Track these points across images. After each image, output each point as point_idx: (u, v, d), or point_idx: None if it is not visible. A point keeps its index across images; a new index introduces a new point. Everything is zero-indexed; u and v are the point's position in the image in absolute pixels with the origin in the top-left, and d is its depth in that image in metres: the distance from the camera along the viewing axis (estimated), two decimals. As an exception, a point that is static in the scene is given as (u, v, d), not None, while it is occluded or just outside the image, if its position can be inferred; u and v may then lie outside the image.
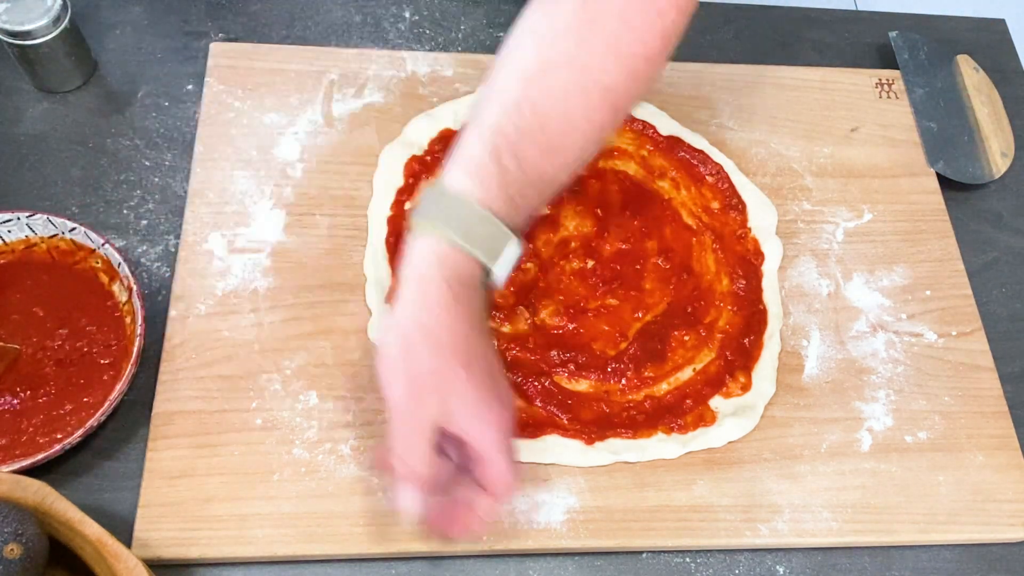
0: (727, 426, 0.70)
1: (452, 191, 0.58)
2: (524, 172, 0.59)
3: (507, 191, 0.58)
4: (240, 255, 0.72)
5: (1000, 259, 0.84)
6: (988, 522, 0.70)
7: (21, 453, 0.62)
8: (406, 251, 0.59)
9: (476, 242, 0.58)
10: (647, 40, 0.60)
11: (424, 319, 0.56)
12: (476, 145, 0.59)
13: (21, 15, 0.72)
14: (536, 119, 0.59)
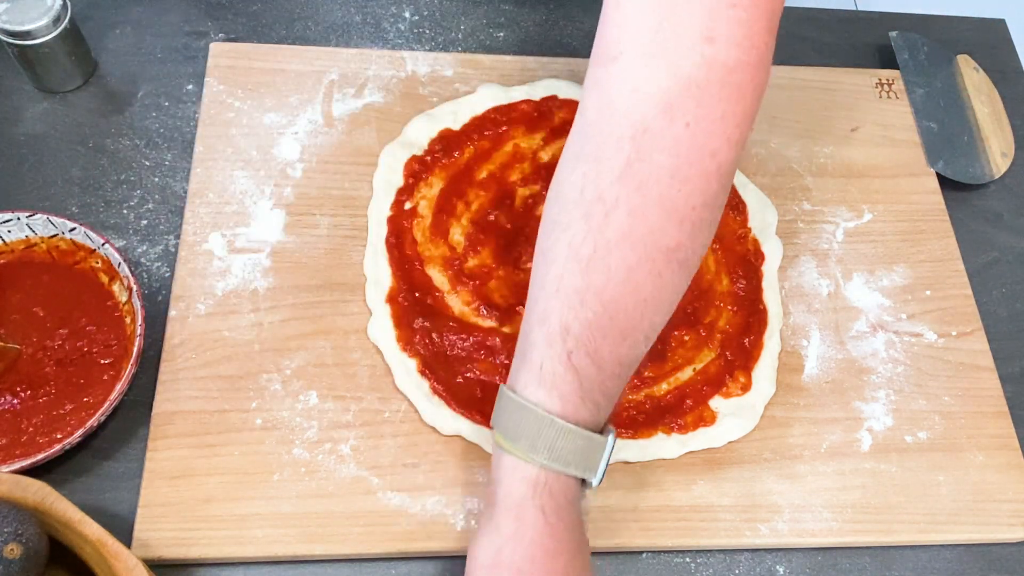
0: (727, 426, 0.70)
1: (531, 407, 0.54)
2: (601, 369, 0.55)
3: (590, 396, 0.55)
4: (240, 255, 0.72)
5: (1000, 259, 0.84)
6: (988, 522, 0.70)
7: (21, 453, 0.62)
8: (494, 464, 0.57)
9: (569, 461, 0.54)
10: (704, 188, 0.54)
11: (523, 566, 0.54)
12: (545, 351, 0.55)
13: (21, 15, 0.72)
14: (603, 309, 0.54)
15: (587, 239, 0.54)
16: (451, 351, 0.70)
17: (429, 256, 0.73)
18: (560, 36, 0.89)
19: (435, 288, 0.72)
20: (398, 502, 0.65)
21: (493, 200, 0.76)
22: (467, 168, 0.77)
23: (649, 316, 0.56)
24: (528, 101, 0.81)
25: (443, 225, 0.75)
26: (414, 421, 0.68)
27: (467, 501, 0.65)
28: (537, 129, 0.80)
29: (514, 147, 0.79)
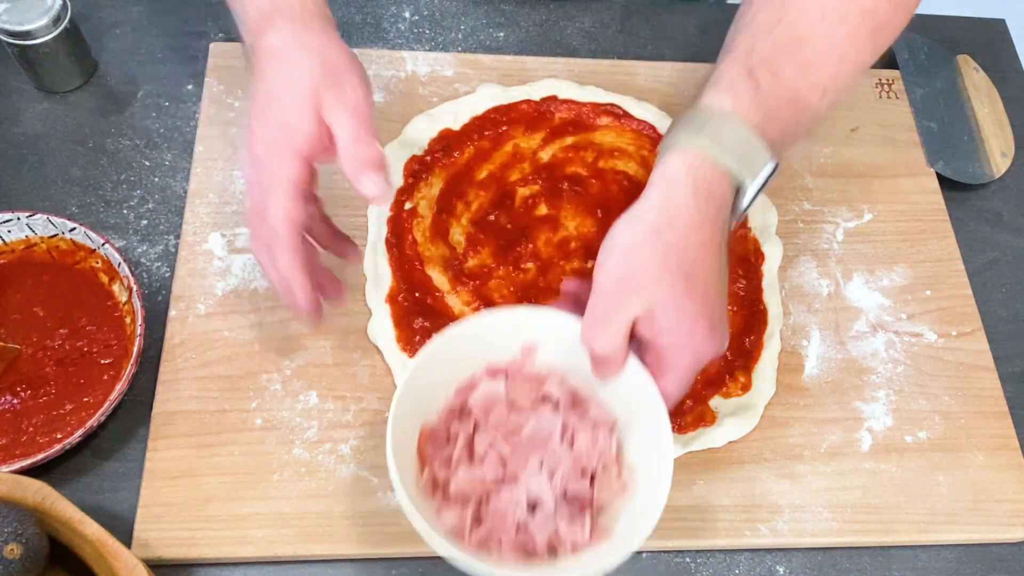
0: (727, 426, 0.70)
1: (705, 107, 0.57)
2: (778, 85, 0.58)
3: (763, 105, 0.57)
4: (240, 255, 0.72)
5: (1000, 259, 0.84)
6: (988, 522, 0.70)
7: (21, 453, 0.62)
8: (656, 169, 0.58)
9: (729, 151, 0.56)
10: None
11: (659, 222, 0.56)
12: (730, 66, 0.58)
13: (21, 15, 0.72)
14: (793, 34, 0.58)
15: None
16: (451, 351, 0.70)
17: (429, 256, 0.73)
18: (560, 36, 0.89)
19: (435, 288, 0.72)
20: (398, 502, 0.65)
21: (493, 200, 0.76)
22: (467, 168, 0.77)
23: (833, 66, 0.59)
24: (528, 101, 0.81)
25: (443, 225, 0.75)
26: (414, 421, 0.68)
27: (467, 501, 0.65)
28: (537, 129, 0.80)
29: (514, 147, 0.79)
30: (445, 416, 0.61)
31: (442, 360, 0.60)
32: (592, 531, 0.58)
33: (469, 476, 0.58)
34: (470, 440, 0.60)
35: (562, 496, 0.59)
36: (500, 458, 0.59)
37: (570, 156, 0.79)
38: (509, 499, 0.58)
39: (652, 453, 0.59)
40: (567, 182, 0.77)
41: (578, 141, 0.80)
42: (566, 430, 0.61)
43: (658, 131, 0.81)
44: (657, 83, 0.85)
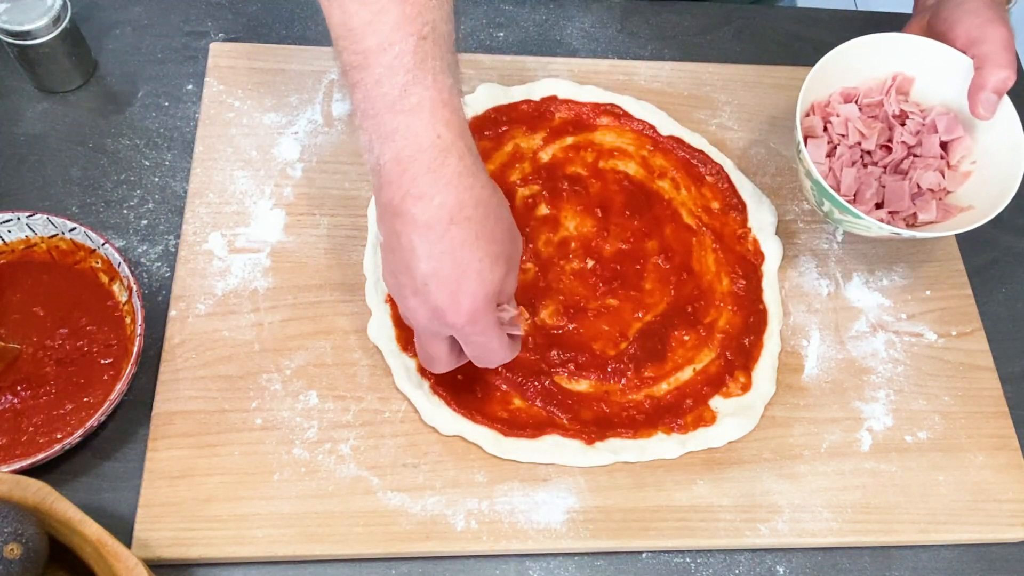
0: (727, 426, 0.70)
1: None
2: None
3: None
4: (240, 255, 0.72)
5: (1000, 259, 0.84)
6: (988, 522, 0.70)
7: (21, 453, 0.62)
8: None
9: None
10: None
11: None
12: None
13: (21, 15, 0.72)
14: None
15: None
16: (451, 351, 0.70)
17: (429, 256, 0.73)
18: (560, 36, 0.89)
19: (435, 288, 0.72)
20: (398, 502, 0.65)
21: (493, 200, 0.76)
22: (467, 168, 0.77)
23: None
24: (528, 101, 0.81)
25: (443, 225, 0.75)
26: (414, 421, 0.68)
27: (467, 501, 0.65)
28: (537, 129, 0.80)
29: (514, 147, 0.79)
30: None
31: None
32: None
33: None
34: None
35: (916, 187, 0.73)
36: None
37: (570, 156, 0.79)
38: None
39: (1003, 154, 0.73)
40: (567, 182, 0.77)
41: (578, 141, 0.80)
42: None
43: (658, 131, 0.81)
44: (657, 83, 0.85)
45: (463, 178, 0.55)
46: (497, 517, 0.65)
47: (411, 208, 0.54)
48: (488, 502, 0.66)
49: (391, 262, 0.58)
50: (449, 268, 0.55)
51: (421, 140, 0.54)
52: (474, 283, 0.55)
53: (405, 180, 0.54)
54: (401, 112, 0.53)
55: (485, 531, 0.65)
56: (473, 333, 0.58)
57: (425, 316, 0.58)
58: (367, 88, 0.54)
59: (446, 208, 0.54)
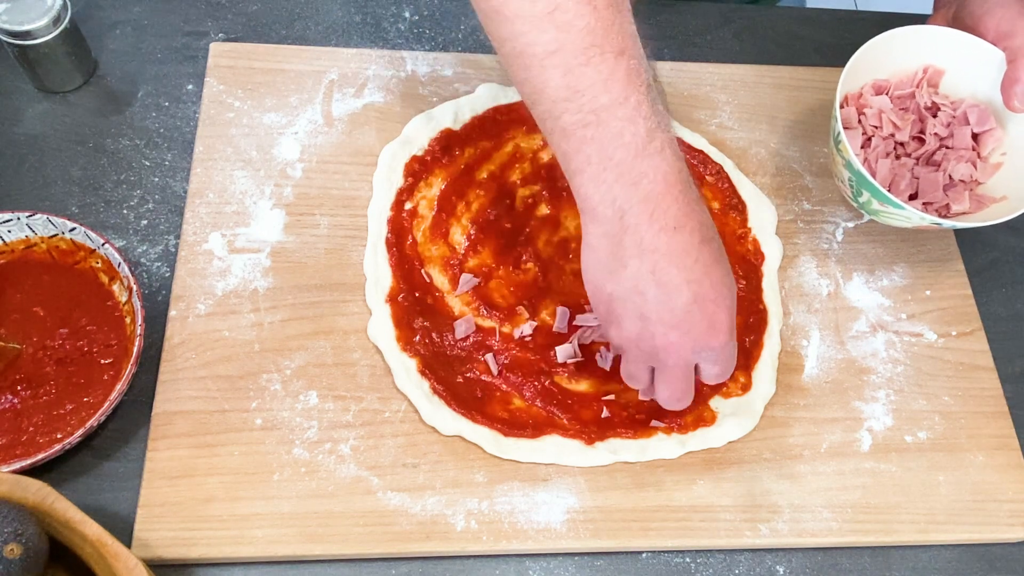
0: (727, 426, 0.70)
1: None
2: None
3: None
4: (240, 255, 0.72)
5: (1000, 259, 0.84)
6: (988, 522, 0.70)
7: (21, 453, 0.62)
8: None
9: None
10: None
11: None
12: None
13: (21, 15, 0.72)
14: None
15: None
16: (451, 351, 0.70)
17: (429, 256, 0.73)
18: (560, 36, 0.89)
19: (435, 288, 0.72)
20: (398, 502, 0.65)
21: (493, 200, 0.76)
22: (467, 168, 0.77)
23: None
24: (528, 101, 0.81)
25: (443, 225, 0.75)
26: (414, 421, 0.68)
27: (467, 501, 0.65)
28: (537, 129, 0.79)
29: (514, 147, 0.79)
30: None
31: None
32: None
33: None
34: None
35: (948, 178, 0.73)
36: None
37: (570, 156, 0.79)
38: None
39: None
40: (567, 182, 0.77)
41: (578, 141, 0.80)
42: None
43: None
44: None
45: (699, 202, 0.58)
46: (497, 517, 0.65)
47: (667, 242, 0.56)
48: (488, 502, 0.66)
49: (638, 306, 0.58)
50: (708, 288, 0.58)
51: (669, 177, 0.56)
52: (728, 296, 0.59)
53: (657, 215, 0.56)
54: (648, 156, 0.56)
55: (485, 531, 0.65)
56: (729, 348, 0.61)
57: (688, 346, 0.59)
58: (604, 142, 0.55)
59: (697, 233, 0.57)
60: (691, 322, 0.58)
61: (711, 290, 0.58)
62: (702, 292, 0.58)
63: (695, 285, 0.57)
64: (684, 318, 0.58)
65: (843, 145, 0.70)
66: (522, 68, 0.56)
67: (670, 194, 0.56)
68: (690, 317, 0.58)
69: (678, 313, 0.58)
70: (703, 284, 0.57)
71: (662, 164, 0.56)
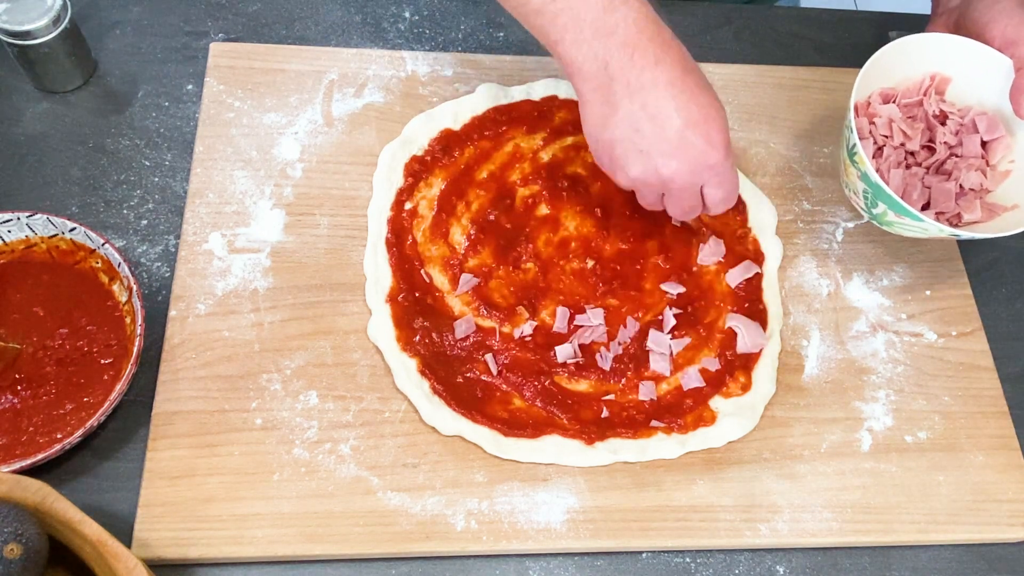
0: (727, 426, 0.70)
1: None
2: None
3: None
4: (240, 255, 0.72)
5: (1000, 259, 0.84)
6: (988, 522, 0.70)
7: (21, 453, 0.62)
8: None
9: None
10: None
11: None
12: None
13: (21, 15, 0.72)
14: None
15: None
16: (451, 351, 0.70)
17: (429, 256, 0.74)
18: (560, 36, 0.89)
19: (435, 288, 0.72)
20: (398, 502, 0.65)
21: (493, 200, 0.76)
22: (467, 168, 0.77)
23: None
24: (528, 101, 0.81)
25: (443, 225, 0.75)
26: (414, 421, 0.68)
27: (467, 501, 0.65)
28: (537, 129, 0.80)
29: (514, 147, 0.79)
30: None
31: None
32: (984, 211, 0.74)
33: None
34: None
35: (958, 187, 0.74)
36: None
37: (570, 156, 0.79)
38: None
39: None
40: (567, 182, 0.77)
41: (578, 141, 0.80)
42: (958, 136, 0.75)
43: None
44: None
45: (675, 39, 0.64)
46: (497, 517, 0.65)
47: (651, 76, 0.62)
48: (488, 502, 0.66)
49: (636, 144, 0.63)
50: (696, 111, 0.62)
51: (640, 21, 0.62)
52: (718, 117, 0.63)
53: (637, 57, 0.62)
54: (615, 8, 0.61)
55: (485, 531, 0.65)
56: (728, 166, 0.65)
57: (688, 169, 0.64)
58: (574, 7, 0.62)
59: (678, 63, 0.62)
60: (687, 146, 0.63)
61: (700, 112, 0.62)
62: (692, 116, 0.62)
63: (684, 111, 0.62)
64: (679, 144, 0.63)
65: (859, 156, 0.69)
66: None
67: (644, 34, 0.62)
68: (685, 142, 0.63)
69: (673, 140, 0.63)
70: (691, 109, 0.62)
71: (630, 12, 0.62)
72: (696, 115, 0.62)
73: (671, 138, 0.62)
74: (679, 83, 0.62)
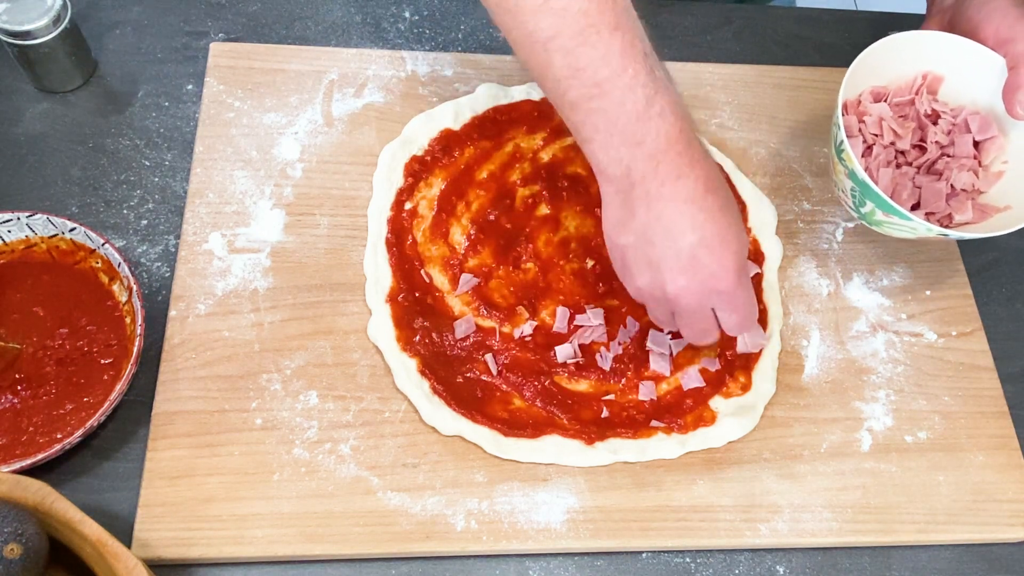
0: (727, 426, 0.70)
1: None
2: None
3: None
4: (240, 255, 0.72)
5: (1000, 259, 0.84)
6: (988, 522, 0.70)
7: (21, 453, 0.62)
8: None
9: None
10: None
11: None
12: None
13: (21, 15, 0.72)
14: None
15: None
16: (451, 351, 0.70)
17: (429, 256, 0.74)
18: (560, 36, 0.89)
19: (435, 288, 0.72)
20: (398, 502, 0.65)
21: (493, 200, 0.76)
22: (467, 168, 0.77)
23: None
24: (528, 101, 0.81)
25: (443, 225, 0.75)
26: (414, 421, 0.68)
27: (467, 501, 0.65)
28: (537, 129, 0.80)
29: (514, 147, 0.79)
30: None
31: None
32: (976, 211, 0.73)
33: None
34: None
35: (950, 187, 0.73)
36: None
37: (570, 156, 0.79)
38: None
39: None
40: (567, 182, 0.77)
41: (578, 141, 0.80)
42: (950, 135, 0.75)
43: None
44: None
45: (706, 156, 0.62)
46: (497, 517, 0.65)
47: (671, 189, 0.60)
48: (488, 502, 0.66)
49: (646, 254, 0.62)
50: (712, 233, 0.61)
51: (671, 135, 0.60)
52: (735, 242, 0.62)
53: (661, 170, 0.60)
54: (649, 119, 0.59)
55: (485, 531, 0.65)
56: (739, 294, 0.63)
57: (697, 290, 0.62)
58: (607, 111, 0.60)
59: (701, 181, 0.61)
60: (697, 266, 0.61)
61: (716, 235, 0.61)
62: (707, 237, 0.61)
63: (700, 230, 0.60)
64: (690, 263, 0.61)
65: (847, 154, 0.69)
66: (528, 53, 0.61)
67: (673, 150, 0.60)
68: (696, 261, 0.61)
69: (684, 258, 0.61)
70: (707, 229, 0.60)
71: (663, 124, 0.60)
72: (711, 236, 0.60)
73: (681, 255, 0.61)
74: (699, 201, 0.60)
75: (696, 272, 0.61)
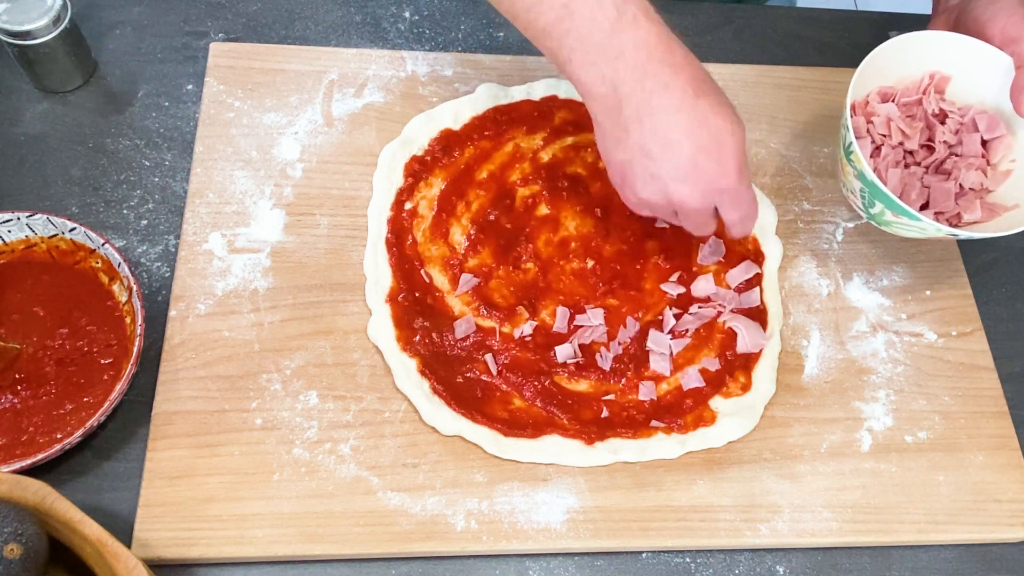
0: (727, 426, 0.70)
1: None
2: None
3: None
4: (240, 255, 0.72)
5: (1000, 259, 0.84)
6: (988, 522, 0.70)
7: (21, 453, 0.62)
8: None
9: None
10: None
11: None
12: None
13: (21, 15, 0.72)
14: None
15: None
16: (451, 351, 0.70)
17: (429, 256, 0.74)
18: (560, 36, 0.89)
19: (435, 288, 0.72)
20: (398, 502, 0.65)
21: (493, 200, 0.76)
22: (467, 168, 0.77)
23: None
24: (528, 101, 0.81)
25: (443, 225, 0.75)
26: (414, 421, 0.68)
27: (467, 501, 0.65)
28: (537, 129, 0.80)
29: (514, 147, 0.79)
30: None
31: None
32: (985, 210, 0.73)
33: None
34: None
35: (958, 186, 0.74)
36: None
37: (570, 156, 0.79)
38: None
39: None
40: (567, 182, 0.77)
41: (578, 141, 0.80)
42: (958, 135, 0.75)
43: (658, 131, 0.81)
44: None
45: (690, 58, 0.62)
46: (497, 517, 0.65)
47: (660, 101, 0.61)
48: (488, 502, 0.66)
49: (647, 168, 0.63)
50: (707, 137, 0.61)
51: (649, 42, 0.60)
52: (731, 142, 0.62)
53: (647, 81, 0.61)
54: (623, 30, 0.60)
55: (485, 531, 0.65)
56: (741, 190, 0.64)
57: (700, 195, 0.63)
58: (580, 29, 0.61)
59: (689, 86, 0.61)
60: (699, 172, 0.62)
61: (712, 139, 0.62)
62: (703, 142, 0.61)
63: (695, 137, 0.61)
64: (691, 170, 0.62)
65: (855, 155, 0.69)
66: None
67: (654, 57, 0.60)
68: (696, 167, 0.62)
69: (684, 166, 0.62)
70: (702, 135, 0.61)
71: (639, 32, 0.60)
72: (707, 141, 0.62)
73: (681, 164, 0.62)
74: (689, 108, 0.61)
75: (698, 177, 0.62)
